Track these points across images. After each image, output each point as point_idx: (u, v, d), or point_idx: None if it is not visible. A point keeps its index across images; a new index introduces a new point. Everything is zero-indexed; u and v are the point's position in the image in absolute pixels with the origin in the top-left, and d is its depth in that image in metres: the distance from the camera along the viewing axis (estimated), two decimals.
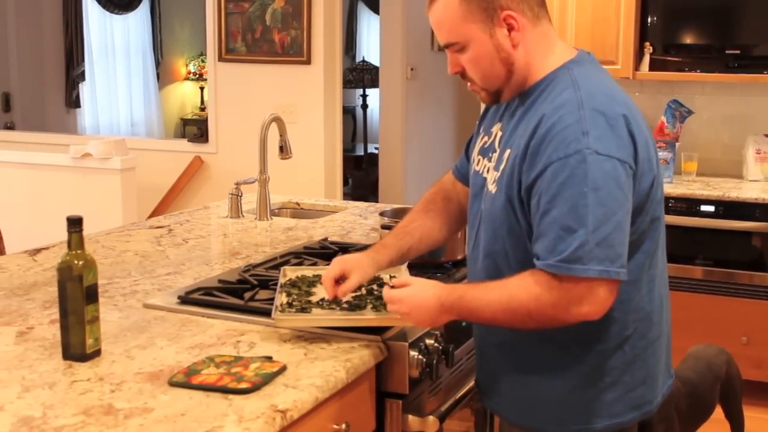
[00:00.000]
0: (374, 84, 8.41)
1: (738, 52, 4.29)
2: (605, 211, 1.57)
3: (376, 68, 7.77)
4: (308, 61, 5.60)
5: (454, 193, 2.08)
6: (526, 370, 1.80)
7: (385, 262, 1.97)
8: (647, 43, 4.32)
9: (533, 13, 1.73)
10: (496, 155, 1.79)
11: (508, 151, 1.74)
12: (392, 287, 1.78)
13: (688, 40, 4.53)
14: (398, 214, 2.48)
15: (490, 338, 1.86)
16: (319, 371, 1.66)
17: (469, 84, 1.81)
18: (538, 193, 1.63)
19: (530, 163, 1.64)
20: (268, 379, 1.59)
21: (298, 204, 3.57)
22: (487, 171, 1.81)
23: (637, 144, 1.64)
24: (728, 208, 3.98)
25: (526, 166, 1.65)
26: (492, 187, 1.76)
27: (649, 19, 4.38)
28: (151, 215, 5.72)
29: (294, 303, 1.91)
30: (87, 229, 1.74)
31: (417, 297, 1.74)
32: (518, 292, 1.63)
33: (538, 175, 1.62)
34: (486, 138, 1.88)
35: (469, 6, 1.71)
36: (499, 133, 1.82)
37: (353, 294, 1.98)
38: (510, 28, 1.71)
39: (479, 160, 1.88)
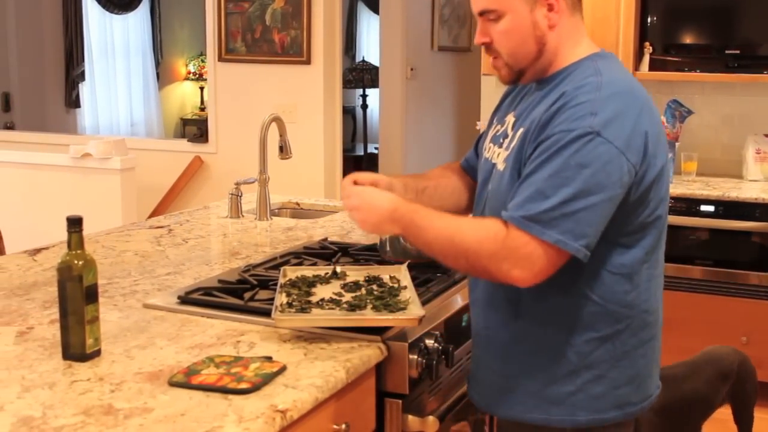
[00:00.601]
0: (374, 84, 8.41)
1: (738, 52, 4.29)
2: (584, 188, 1.59)
3: (376, 68, 7.78)
4: (308, 61, 5.60)
5: (463, 177, 2.11)
6: (513, 355, 1.80)
7: (399, 185, 1.98)
8: (647, 43, 4.32)
9: (572, 1, 1.77)
10: (507, 139, 1.81)
11: (520, 130, 1.76)
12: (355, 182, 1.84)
13: (688, 40, 4.53)
14: None
15: (480, 322, 1.86)
16: (318, 371, 1.66)
17: (492, 59, 1.80)
18: (531, 160, 1.66)
19: (538, 133, 1.68)
20: (267, 379, 1.59)
21: (297, 204, 3.57)
22: (497, 156, 1.83)
23: (648, 138, 1.66)
24: (728, 208, 3.98)
25: (534, 136, 1.68)
26: (501, 166, 1.78)
27: (649, 19, 4.38)
28: (151, 215, 5.72)
29: (294, 303, 1.91)
30: (87, 229, 1.74)
31: (373, 197, 1.78)
32: (466, 230, 1.68)
33: (540, 142, 1.66)
34: (499, 127, 1.90)
35: None
36: (512, 120, 1.84)
37: (353, 294, 1.98)
38: (550, 8, 1.73)
39: (490, 148, 1.89)
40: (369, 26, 10.58)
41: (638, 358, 1.79)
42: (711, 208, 4.00)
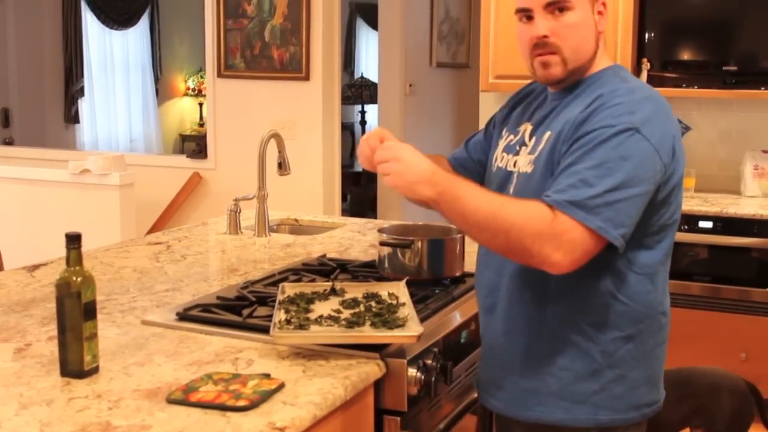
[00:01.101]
0: (373, 100, 8.43)
1: (735, 68, 4.30)
2: (625, 180, 1.63)
3: (375, 84, 7.80)
4: (307, 78, 5.62)
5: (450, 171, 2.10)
6: (536, 357, 1.81)
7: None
8: (645, 60, 4.33)
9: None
10: (527, 147, 1.84)
11: (548, 133, 1.78)
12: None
13: (686, 56, 4.54)
14: (397, 230, 2.48)
15: (500, 325, 1.86)
16: (317, 388, 1.66)
17: (546, 56, 1.79)
18: (570, 153, 1.68)
19: (576, 129, 1.70)
20: (266, 396, 1.59)
21: (296, 220, 3.57)
22: (514, 164, 1.85)
23: (675, 141, 1.73)
24: (726, 224, 3.99)
25: (570, 133, 1.71)
26: (527, 168, 1.80)
27: (647, 36, 4.40)
28: (150, 231, 5.72)
29: (292, 320, 1.90)
30: (85, 245, 1.74)
31: (414, 154, 1.71)
32: (510, 207, 1.65)
33: (578, 138, 1.69)
34: (512, 137, 1.92)
35: None
36: (529, 128, 1.87)
37: (351, 311, 1.98)
38: (600, 14, 1.81)
39: (503, 157, 1.91)
40: (368, 42, 10.62)
41: (654, 359, 1.83)
42: (709, 224, 4.00)
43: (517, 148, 1.87)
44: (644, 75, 4.32)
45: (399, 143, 1.75)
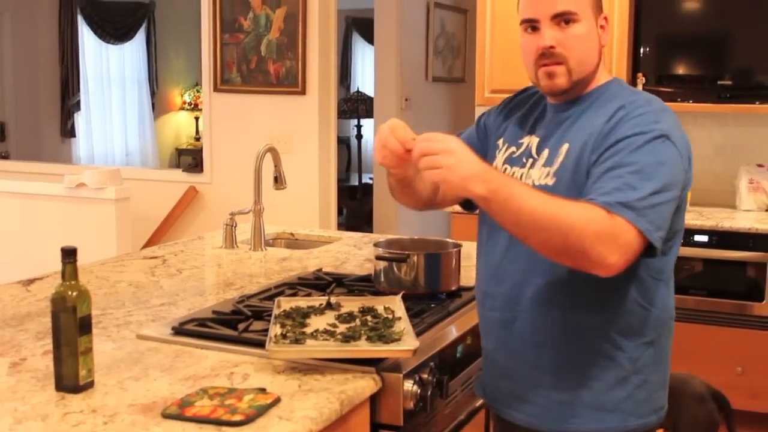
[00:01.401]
0: (369, 114, 8.44)
1: (730, 82, 4.32)
2: (664, 184, 1.66)
3: (371, 98, 7.81)
4: (303, 92, 5.62)
5: None
6: (568, 368, 1.82)
7: None
8: (640, 74, 4.35)
9: None
10: (538, 159, 1.84)
11: (565, 146, 1.80)
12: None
13: (681, 70, 4.56)
14: (393, 244, 2.48)
15: (525, 338, 1.85)
16: (313, 403, 1.65)
17: (550, 66, 1.81)
18: (604, 159, 1.70)
19: (604, 139, 1.73)
20: (261, 411, 1.58)
21: (292, 234, 3.57)
22: (521, 177, 1.85)
23: (689, 150, 1.77)
24: (722, 238, 3.99)
25: (597, 143, 1.73)
26: (545, 180, 1.80)
27: (642, 50, 4.42)
28: (146, 245, 5.71)
29: (288, 334, 1.90)
30: (81, 259, 1.74)
31: (465, 149, 1.65)
32: (570, 207, 1.62)
33: (610, 146, 1.70)
34: (514, 149, 1.92)
35: None
36: (535, 140, 1.88)
37: (347, 325, 1.98)
38: (602, 28, 1.84)
39: (505, 169, 1.91)
40: (364, 57, 10.65)
41: (667, 363, 1.89)
42: (705, 238, 4.01)
43: (524, 160, 1.87)
44: (639, 89, 4.33)
45: (445, 135, 1.69)
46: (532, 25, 1.82)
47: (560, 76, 1.81)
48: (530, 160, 1.86)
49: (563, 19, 1.78)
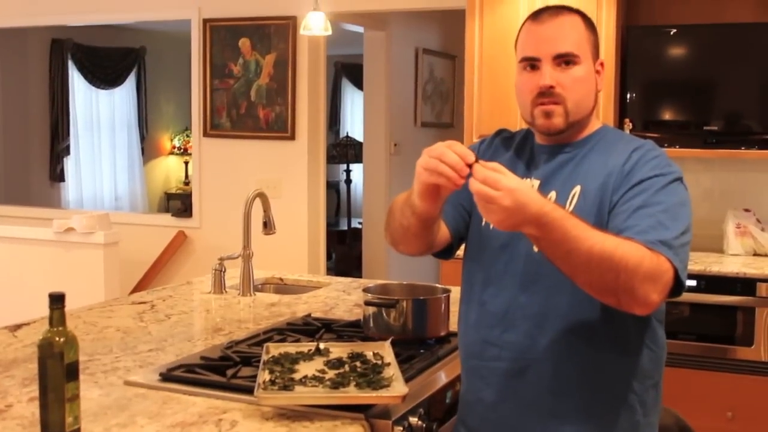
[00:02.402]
0: (358, 159, 8.47)
1: (716, 128, 4.36)
2: (687, 224, 1.73)
3: (360, 143, 7.85)
4: (292, 137, 5.66)
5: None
6: (588, 415, 1.81)
7: None
8: (627, 120, 4.39)
9: None
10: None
11: (577, 188, 1.81)
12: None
13: (667, 116, 4.60)
14: (382, 289, 2.48)
15: (542, 387, 1.83)
16: None
17: (548, 106, 1.82)
18: (629, 197, 1.73)
19: (625, 178, 1.76)
20: None
21: (281, 279, 3.56)
22: None
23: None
24: (710, 283, 4.00)
25: (617, 184, 1.76)
26: None
27: (628, 96, 4.46)
28: (134, 290, 5.69)
29: (277, 380, 1.89)
30: (69, 304, 1.73)
31: (522, 194, 1.56)
32: (624, 245, 1.61)
33: (633, 185, 1.74)
34: None
35: (590, 35, 1.88)
36: (536, 183, 1.87)
37: (336, 371, 1.97)
38: (598, 73, 1.89)
39: None
40: (353, 102, 10.71)
41: (660, 405, 1.90)
42: (693, 283, 4.02)
43: None
44: (633, 136, 4.37)
45: (507, 171, 1.60)
46: (532, 63, 1.84)
47: (557, 116, 1.82)
48: None
49: (564, 60, 1.81)
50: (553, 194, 1.83)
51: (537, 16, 1.88)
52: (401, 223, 1.94)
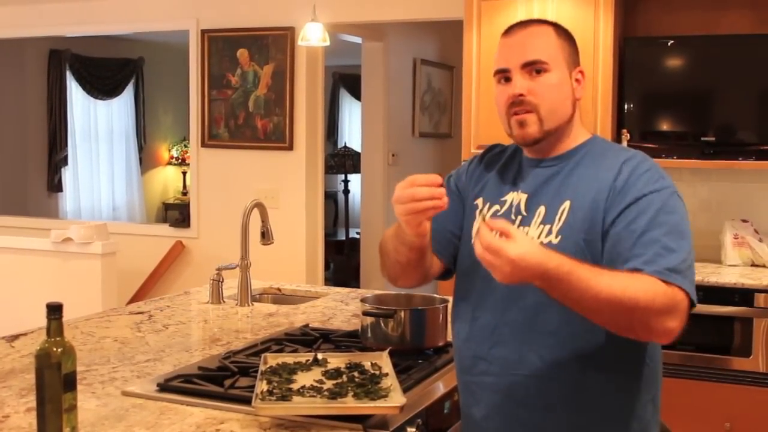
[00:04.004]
0: (356, 169, 8.48)
1: (713, 139, 4.37)
2: (689, 241, 1.71)
3: (358, 154, 7.86)
4: (290, 147, 5.66)
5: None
6: (578, 429, 1.80)
7: None
8: (624, 130, 4.40)
9: None
10: (534, 214, 1.83)
11: (566, 203, 1.79)
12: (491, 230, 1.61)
13: (664, 127, 4.61)
14: (380, 300, 2.48)
15: (537, 402, 1.82)
16: None
17: (521, 115, 1.82)
18: (627, 219, 1.71)
19: (617, 198, 1.74)
20: None
21: (279, 290, 3.56)
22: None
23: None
24: (708, 293, 4.00)
25: (610, 202, 1.74)
26: (549, 238, 1.78)
27: (626, 106, 4.47)
28: (132, 300, 5.69)
29: (274, 391, 1.89)
30: (66, 314, 1.72)
31: (524, 257, 1.56)
32: (632, 285, 1.61)
33: (629, 204, 1.72)
34: (497, 207, 1.91)
35: (564, 43, 1.86)
36: (522, 197, 1.87)
37: (334, 381, 1.97)
38: (577, 81, 1.87)
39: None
40: (351, 113, 10.73)
41: (658, 419, 1.89)
42: None
43: (512, 217, 1.86)
44: (624, 146, 4.38)
45: (505, 244, 1.56)
46: (505, 76, 1.86)
47: (531, 124, 1.82)
48: (519, 217, 1.85)
49: (534, 68, 1.82)
50: (542, 209, 1.82)
51: (508, 30, 1.90)
52: (397, 260, 1.95)
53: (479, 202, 1.96)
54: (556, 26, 1.89)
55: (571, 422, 1.80)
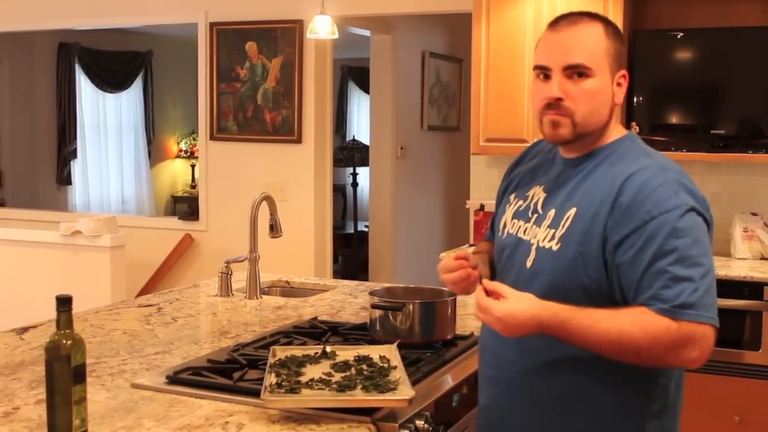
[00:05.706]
0: (364, 162, 8.48)
1: (723, 131, 4.35)
2: (705, 262, 1.65)
3: (366, 147, 7.86)
4: (299, 140, 5.66)
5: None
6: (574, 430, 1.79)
7: (485, 257, 2.02)
8: (633, 123, 4.38)
9: None
10: (542, 217, 1.82)
11: (572, 210, 1.76)
12: (486, 291, 1.71)
13: (674, 120, 4.60)
14: (388, 293, 2.48)
15: (537, 399, 1.82)
16: None
17: (558, 116, 1.78)
18: (635, 248, 1.66)
19: (623, 218, 1.68)
20: None
21: (287, 282, 3.56)
22: (525, 232, 1.85)
23: (707, 202, 1.73)
24: (717, 287, 3.98)
25: (614, 223, 1.69)
26: (550, 244, 1.77)
27: (635, 100, 4.46)
28: (141, 293, 5.70)
29: (283, 383, 1.89)
30: (75, 307, 1.73)
31: (515, 314, 1.66)
32: (630, 328, 1.61)
33: (634, 229, 1.66)
34: (521, 202, 1.92)
35: (611, 45, 1.79)
36: (542, 195, 1.86)
37: (343, 374, 1.97)
38: (619, 85, 1.81)
39: (513, 223, 1.90)
40: (359, 106, 10.72)
41: (678, 426, 1.88)
42: None
43: (529, 215, 1.86)
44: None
45: (495, 304, 1.67)
46: (544, 72, 1.80)
47: (564, 127, 1.78)
48: (535, 216, 1.85)
49: (576, 71, 1.76)
50: (552, 212, 1.81)
51: (555, 23, 1.82)
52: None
53: (512, 197, 1.97)
54: (606, 24, 1.81)
55: (566, 424, 1.79)
